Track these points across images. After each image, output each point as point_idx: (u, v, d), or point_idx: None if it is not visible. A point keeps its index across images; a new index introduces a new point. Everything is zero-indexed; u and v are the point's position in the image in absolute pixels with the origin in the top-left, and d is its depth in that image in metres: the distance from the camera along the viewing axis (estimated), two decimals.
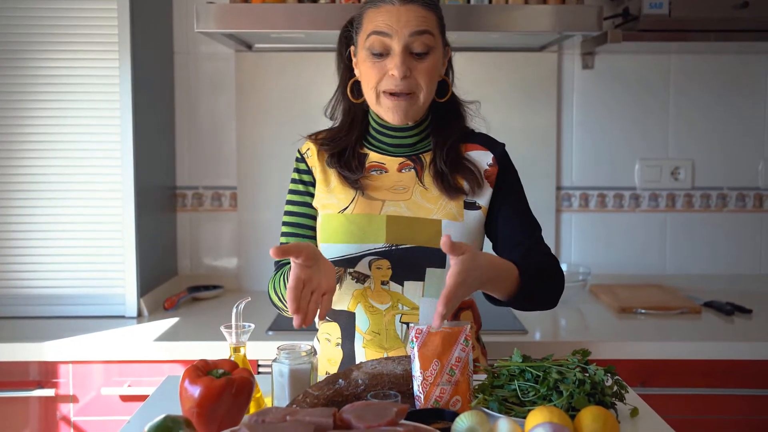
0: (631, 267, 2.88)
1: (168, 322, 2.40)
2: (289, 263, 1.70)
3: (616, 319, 2.44)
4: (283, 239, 1.78)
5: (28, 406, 2.18)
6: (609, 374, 1.38)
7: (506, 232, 1.70)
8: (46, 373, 2.17)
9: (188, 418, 1.18)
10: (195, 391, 1.24)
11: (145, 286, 2.51)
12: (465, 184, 1.69)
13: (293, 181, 1.78)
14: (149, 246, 2.56)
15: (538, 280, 1.62)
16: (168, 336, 2.25)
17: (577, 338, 2.23)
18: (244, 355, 1.42)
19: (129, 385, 2.17)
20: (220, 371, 1.29)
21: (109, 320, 2.40)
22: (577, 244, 2.88)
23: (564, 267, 2.83)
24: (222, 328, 1.40)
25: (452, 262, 1.39)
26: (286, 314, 1.75)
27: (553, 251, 1.74)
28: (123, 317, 2.44)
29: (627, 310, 2.51)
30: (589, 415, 1.20)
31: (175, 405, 1.35)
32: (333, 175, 1.73)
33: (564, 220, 2.88)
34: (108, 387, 2.17)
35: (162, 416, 1.11)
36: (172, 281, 2.77)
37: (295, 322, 1.42)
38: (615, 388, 1.39)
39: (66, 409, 2.18)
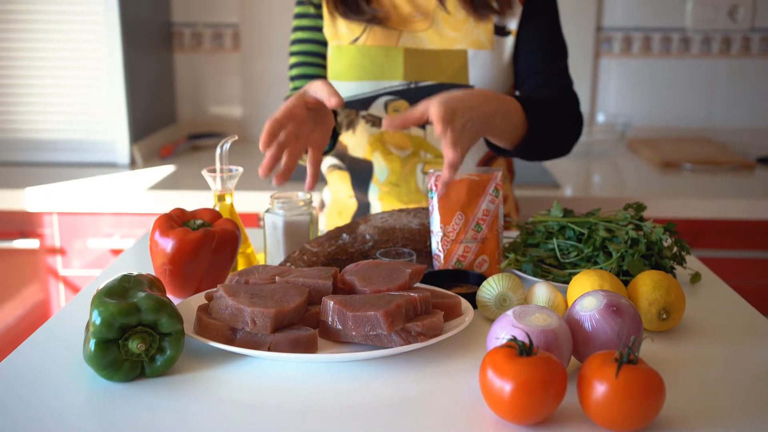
0: (675, 119, 2.59)
1: (164, 170, 2.19)
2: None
3: (658, 175, 2.19)
4: (293, 71, 1.53)
5: (13, 257, 2.01)
6: (668, 232, 1.15)
7: (526, 60, 1.44)
8: (30, 223, 1.99)
9: (157, 277, 0.97)
10: (167, 244, 1.02)
11: (139, 132, 2.28)
12: (494, 3, 1.41)
13: (298, 2, 1.50)
14: (143, 88, 2.30)
15: (548, 121, 1.35)
16: (163, 185, 2.04)
17: (614, 194, 2.00)
18: (231, 205, 1.20)
19: (121, 237, 1.99)
20: (198, 222, 1.07)
21: (99, 168, 2.19)
22: (616, 93, 2.58)
23: (600, 117, 2.56)
24: (204, 172, 1.17)
25: (430, 110, 1.11)
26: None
27: (588, 102, 1.47)
28: (114, 165, 2.23)
29: (671, 164, 2.25)
30: (648, 281, 0.97)
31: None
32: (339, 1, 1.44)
33: (603, 66, 2.57)
34: (96, 238, 1.98)
35: (119, 275, 0.89)
36: (170, 129, 2.53)
37: (261, 170, 1.11)
38: (675, 249, 1.16)
39: (53, 261, 2.01)
